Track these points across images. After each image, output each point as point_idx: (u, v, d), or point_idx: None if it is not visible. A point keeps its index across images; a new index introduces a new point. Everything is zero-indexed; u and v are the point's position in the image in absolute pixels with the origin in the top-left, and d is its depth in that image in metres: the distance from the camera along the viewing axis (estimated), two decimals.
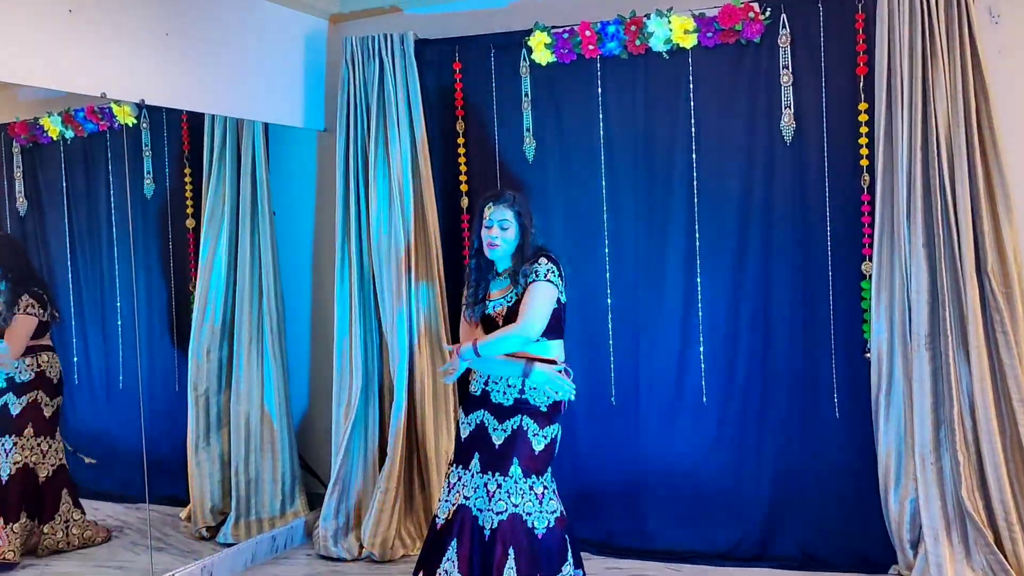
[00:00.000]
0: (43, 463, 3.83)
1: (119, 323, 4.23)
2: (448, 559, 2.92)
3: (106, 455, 4.28)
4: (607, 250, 3.80)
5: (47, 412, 3.85)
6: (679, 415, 3.74)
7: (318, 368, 4.50)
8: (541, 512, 2.91)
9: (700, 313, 3.69)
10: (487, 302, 3.07)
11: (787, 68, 3.48)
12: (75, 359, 4.19)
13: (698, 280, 3.68)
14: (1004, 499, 3.11)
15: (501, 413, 2.97)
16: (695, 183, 3.66)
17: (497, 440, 2.97)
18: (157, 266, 4.41)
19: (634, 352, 3.80)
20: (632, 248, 3.79)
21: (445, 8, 4.14)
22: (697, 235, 3.67)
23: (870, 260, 3.37)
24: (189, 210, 4.41)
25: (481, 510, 2.92)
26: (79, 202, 4.32)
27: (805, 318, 3.54)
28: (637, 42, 3.64)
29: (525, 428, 2.94)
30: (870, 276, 3.36)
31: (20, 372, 3.80)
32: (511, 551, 2.86)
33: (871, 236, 3.35)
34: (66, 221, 4.30)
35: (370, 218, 4.00)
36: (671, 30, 3.57)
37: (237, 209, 4.15)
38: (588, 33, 3.69)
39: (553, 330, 2.96)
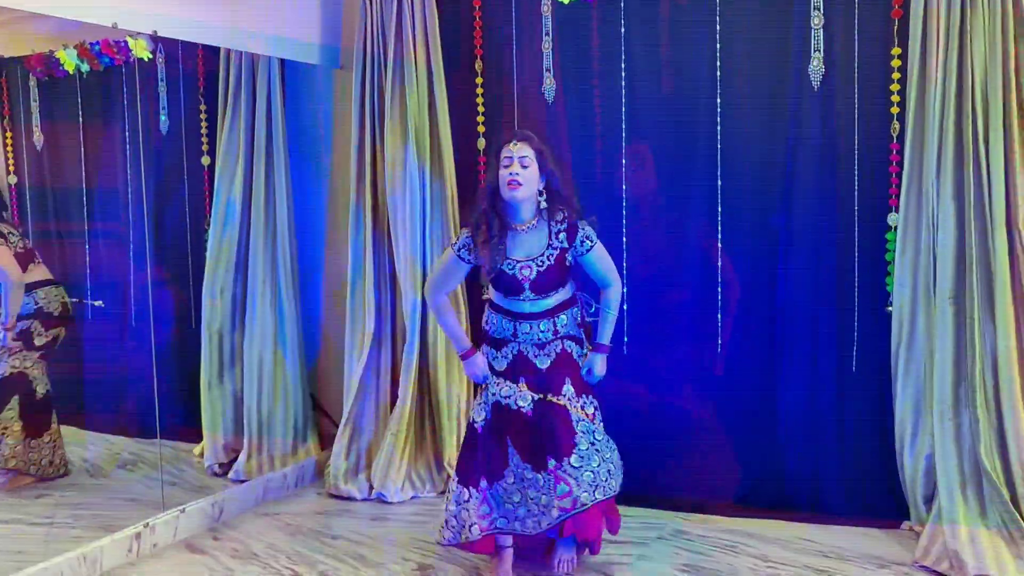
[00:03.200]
0: (41, 380, 3.91)
1: (131, 260, 4.23)
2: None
3: (120, 391, 4.32)
4: (624, 190, 3.73)
5: (37, 341, 3.90)
6: (695, 363, 3.70)
7: (331, 309, 4.48)
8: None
9: (720, 259, 3.62)
10: (509, 261, 2.97)
11: (818, 9, 3.36)
12: (88, 295, 4.20)
13: (719, 225, 3.60)
14: (1023, 459, 3.05)
15: (540, 344, 3.04)
16: (718, 126, 3.56)
17: (542, 365, 3.03)
18: (172, 203, 4.39)
19: (650, 297, 3.74)
20: (652, 191, 3.71)
21: None
22: (719, 179, 3.58)
23: (896, 211, 3.27)
24: (204, 147, 4.38)
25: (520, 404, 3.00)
26: (95, 136, 4.29)
27: (827, 268, 3.47)
28: None
29: (569, 350, 3.05)
30: (896, 228, 3.27)
31: (25, 305, 3.85)
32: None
33: (898, 187, 3.26)
34: (82, 155, 4.28)
35: (386, 158, 3.94)
36: None
37: (252, 147, 4.10)
38: None
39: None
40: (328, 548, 3.40)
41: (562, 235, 2.97)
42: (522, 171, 2.92)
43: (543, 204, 2.98)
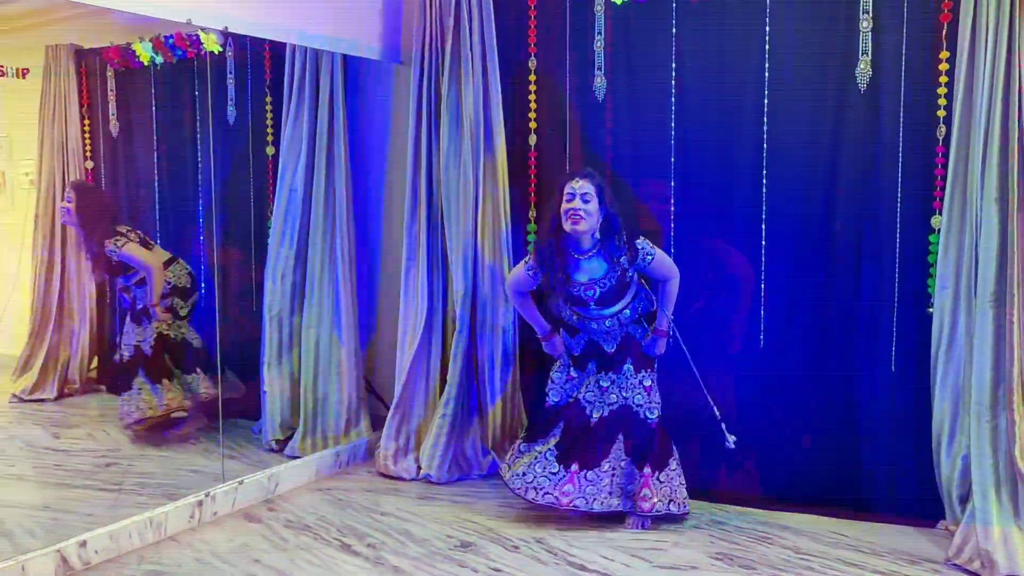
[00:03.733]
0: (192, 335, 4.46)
1: (202, 245, 4.44)
2: (552, 436, 3.55)
3: (193, 368, 4.54)
4: (673, 192, 3.81)
5: (182, 312, 4.44)
6: (736, 360, 3.77)
7: (386, 295, 4.65)
8: (650, 403, 3.50)
9: (763, 257, 3.69)
10: (574, 283, 3.44)
11: (867, 12, 3.39)
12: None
13: (763, 223, 3.67)
14: None
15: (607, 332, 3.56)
16: (765, 127, 3.61)
17: (609, 349, 3.57)
18: (237, 191, 4.58)
19: (695, 294, 3.81)
20: (698, 190, 3.78)
21: None
22: (764, 178, 3.64)
23: (940, 214, 3.30)
24: (270, 138, 4.56)
25: (591, 402, 3.55)
26: (167, 125, 4.50)
27: (870, 269, 3.51)
28: None
29: (632, 333, 3.58)
30: (939, 230, 3.30)
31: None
32: (620, 437, 3.47)
33: (943, 189, 3.28)
34: (155, 143, 4.49)
35: (441, 151, 4.08)
36: None
37: (314, 138, 4.27)
38: None
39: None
40: (376, 523, 3.56)
41: (623, 259, 3.41)
42: (583, 205, 3.32)
43: (598, 235, 3.41)
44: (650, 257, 3.43)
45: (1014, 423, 3.10)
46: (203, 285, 4.44)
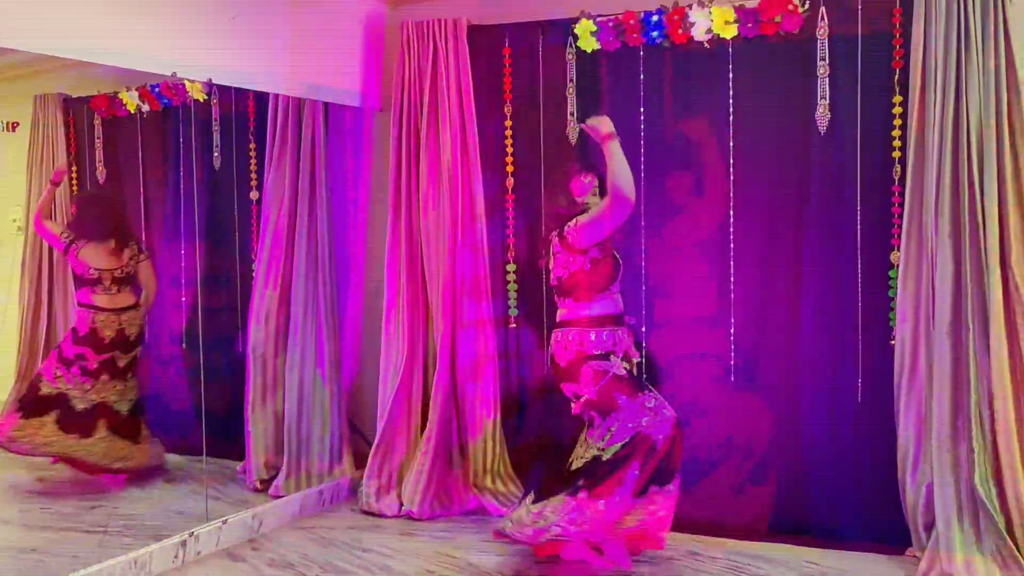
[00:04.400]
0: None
1: (184, 287, 4.51)
2: None
3: (170, 411, 4.59)
4: (643, 234, 3.93)
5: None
6: (707, 394, 3.87)
7: (368, 335, 4.73)
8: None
9: (732, 295, 3.81)
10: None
11: (824, 60, 3.56)
12: (145, 320, 4.48)
13: (731, 263, 3.80)
14: (1018, 490, 3.18)
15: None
16: (731, 169, 3.77)
17: None
18: (222, 235, 4.66)
19: (665, 331, 3.93)
20: (669, 231, 3.91)
21: None
22: (732, 218, 3.78)
23: (898, 250, 3.44)
24: (253, 182, 4.65)
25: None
26: (153, 171, 4.59)
27: (834, 304, 3.64)
28: (679, 31, 3.74)
29: None
30: (897, 265, 3.44)
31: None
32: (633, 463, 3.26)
33: (900, 226, 3.42)
34: (141, 189, 4.58)
35: (420, 195, 4.20)
36: (712, 20, 3.67)
37: (297, 183, 4.37)
38: (632, 22, 3.81)
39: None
40: (358, 560, 3.62)
41: None
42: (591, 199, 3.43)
43: None
44: (574, 221, 3.36)
45: (973, 451, 3.21)
46: (185, 338, 4.50)
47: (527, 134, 4.19)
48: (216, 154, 4.62)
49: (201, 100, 4.33)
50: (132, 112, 4.48)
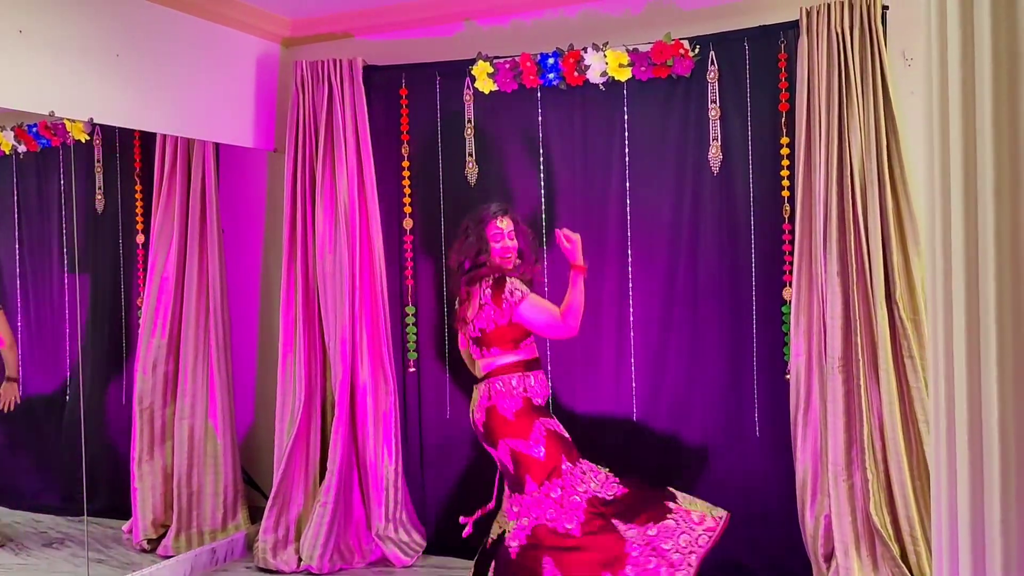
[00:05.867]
0: None
1: (67, 335, 4.28)
2: None
3: (49, 468, 4.32)
4: (547, 273, 3.94)
5: None
6: (611, 432, 3.87)
7: (263, 383, 4.58)
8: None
9: (632, 333, 3.84)
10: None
11: (715, 103, 3.66)
12: (20, 371, 4.23)
13: (630, 302, 3.83)
14: (910, 515, 3.27)
15: None
16: (628, 208, 3.82)
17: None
18: (106, 280, 4.46)
19: (569, 372, 3.93)
20: (568, 271, 3.91)
21: (394, 35, 4.28)
22: (630, 257, 3.83)
23: (790, 286, 3.53)
24: (139, 226, 4.47)
25: None
26: (30, 215, 4.37)
27: (730, 340, 3.70)
28: (575, 73, 3.80)
29: None
30: (790, 301, 3.53)
31: None
32: None
33: (791, 263, 3.52)
34: (16, 233, 4.34)
35: (316, 237, 4.10)
36: (607, 63, 3.73)
37: (186, 226, 4.22)
38: (528, 64, 3.84)
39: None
40: None
41: (517, 292, 3.25)
42: (510, 243, 3.34)
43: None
44: (519, 294, 3.24)
45: (867, 480, 3.29)
46: (68, 390, 4.25)
47: (425, 175, 4.17)
48: (99, 196, 4.44)
49: (83, 140, 4.15)
50: (7, 153, 4.27)
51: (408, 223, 4.21)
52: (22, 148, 4.25)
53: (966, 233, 1.06)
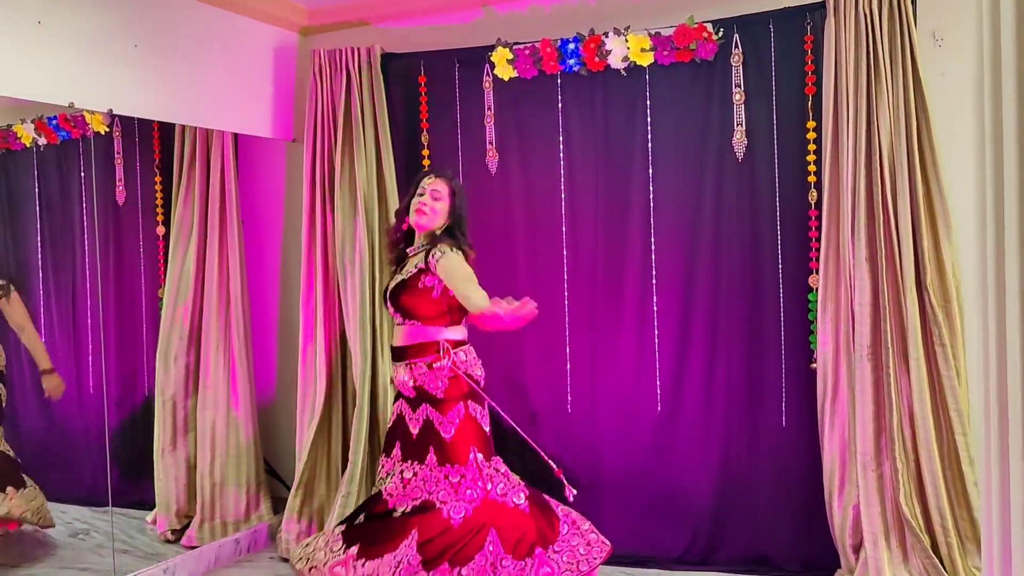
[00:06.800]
0: None
1: (88, 328, 4.29)
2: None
3: (74, 459, 4.33)
4: (565, 261, 3.90)
5: None
6: (635, 423, 3.83)
7: (284, 374, 4.57)
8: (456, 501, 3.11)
9: (656, 323, 3.79)
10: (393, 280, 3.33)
11: (739, 87, 3.60)
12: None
13: (654, 291, 3.78)
14: (940, 505, 3.22)
15: (410, 402, 3.23)
16: (651, 196, 3.76)
17: (413, 430, 3.22)
18: (127, 272, 4.46)
19: (591, 361, 3.89)
20: (590, 259, 3.88)
21: (412, 23, 4.24)
22: (653, 246, 3.77)
23: (817, 273, 3.47)
24: (160, 217, 4.47)
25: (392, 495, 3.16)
26: (51, 208, 4.37)
27: (755, 329, 3.64)
28: (596, 59, 3.74)
29: (431, 418, 3.19)
30: (817, 289, 3.47)
31: None
32: (414, 534, 3.05)
33: (818, 250, 3.46)
34: (38, 226, 4.35)
35: (336, 227, 4.08)
36: (628, 48, 3.67)
37: (206, 217, 4.21)
38: (549, 50, 3.79)
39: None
40: None
41: (421, 255, 3.22)
42: (432, 202, 3.26)
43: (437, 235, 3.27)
44: (439, 255, 3.15)
45: (897, 471, 3.24)
46: (91, 381, 4.26)
47: (445, 163, 4.12)
48: (119, 188, 4.44)
49: (102, 132, 4.14)
50: (28, 145, 4.27)
51: None
52: (42, 141, 4.25)
53: (1020, 221, 1.01)
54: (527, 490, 3.27)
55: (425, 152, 4.15)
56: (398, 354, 3.30)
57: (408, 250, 3.37)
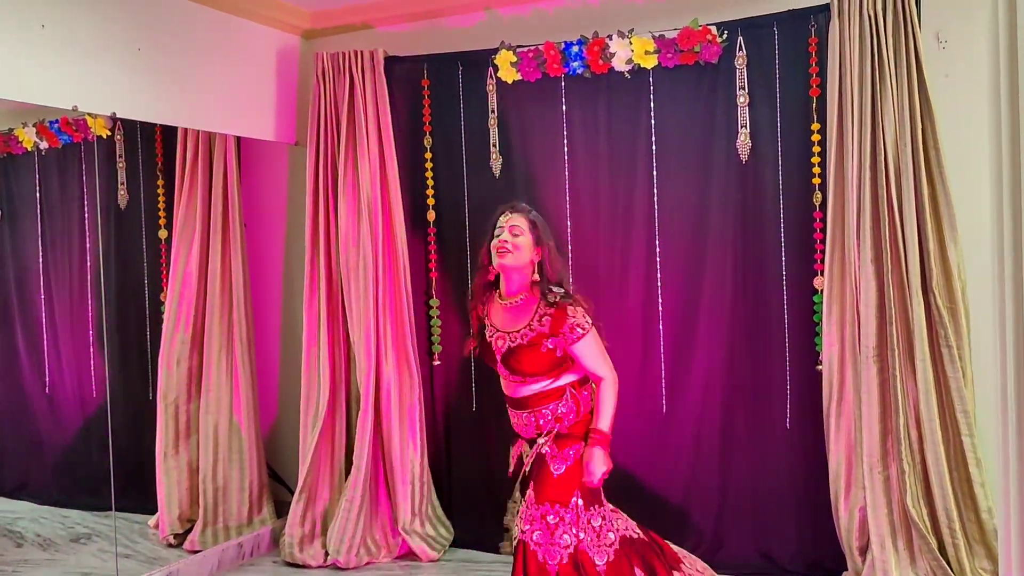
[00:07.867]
0: None
1: (90, 332, 4.28)
2: None
3: (76, 463, 4.32)
4: (571, 264, 3.89)
5: None
6: (639, 424, 3.82)
7: (287, 378, 4.56)
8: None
9: (660, 324, 3.78)
10: (490, 329, 2.97)
11: (743, 89, 3.59)
12: (46, 367, 4.23)
13: (658, 292, 3.78)
14: (948, 507, 3.21)
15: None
16: (655, 198, 3.76)
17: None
18: (129, 276, 4.45)
19: None
20: (594, 261, 3.88)
21: (415, 26, 4.24)
22: (657, 248, 3.77)
23: (822, 275, 3.47)
24: (162, 221, 4.46)
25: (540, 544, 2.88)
26: (53, 212, 4.36)
27: (760, 331, 3.64)
28: (600, 61, 3.74)
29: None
30: (822, 290, 3.46)
31: None
32: None
33: (823, 252, 3.45)
34: (39, 230, 4.34)
35: (339, 231, 4.07)
36: (632, 51, 3.67)
37: (208, 220, 4.21)
38: (552, 52, 3.78)
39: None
40: None
41: (545, 318, 2.86)
42: (512, 238, 2.88)
43: (535, 278, 2.93)
44: (580, 331, 2.86)
45: (903, 472, 3.23)
46: (93, 385, 4.25)
47: (448, 167, 4.12)
48: (122, 191, 4.43)
49: (104, 136, 4.13)
50: (29, 149, 4.26)
51: (431, 216, 4.17)
52: (44, 145, 4.24)
53: None
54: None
55: (428, 155, 4.15)
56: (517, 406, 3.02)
57: (500, 298, 2.99)
